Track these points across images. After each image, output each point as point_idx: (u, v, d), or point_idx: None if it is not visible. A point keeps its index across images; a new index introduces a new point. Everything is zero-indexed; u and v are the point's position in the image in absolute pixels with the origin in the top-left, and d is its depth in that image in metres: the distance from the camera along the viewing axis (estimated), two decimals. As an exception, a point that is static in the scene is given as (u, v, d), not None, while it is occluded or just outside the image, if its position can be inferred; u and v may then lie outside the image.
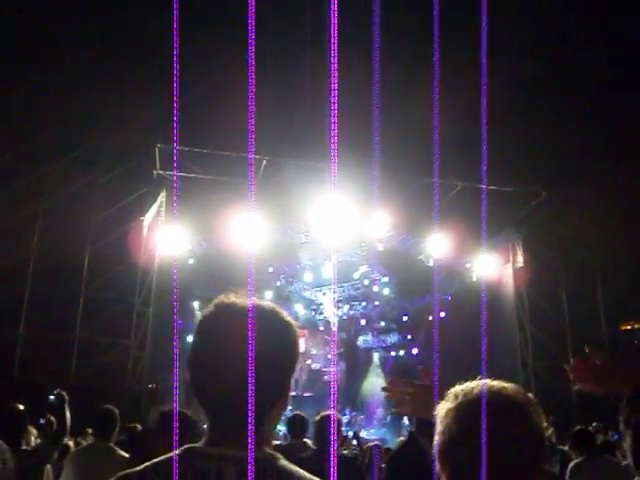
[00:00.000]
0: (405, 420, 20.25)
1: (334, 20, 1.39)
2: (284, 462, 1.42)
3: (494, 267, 17.88)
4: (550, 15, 13.34)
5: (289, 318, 1.51)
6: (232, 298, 1.48)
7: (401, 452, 4.88)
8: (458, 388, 1.52)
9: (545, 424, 1.45)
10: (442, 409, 1.50)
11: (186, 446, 1.43)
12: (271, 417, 1.46)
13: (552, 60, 14.42)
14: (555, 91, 15.00)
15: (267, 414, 1.43)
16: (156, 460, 1.43)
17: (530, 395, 1.50)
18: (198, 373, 1.43)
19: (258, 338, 1.37)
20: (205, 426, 1.47)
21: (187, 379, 1.45)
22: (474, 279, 18.24)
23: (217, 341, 1.42)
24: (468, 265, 18.34)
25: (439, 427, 1.48)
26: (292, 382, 1.50)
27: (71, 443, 7.01)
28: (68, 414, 5.10)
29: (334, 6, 1.39)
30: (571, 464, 5.69)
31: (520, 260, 17.78)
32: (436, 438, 1.48)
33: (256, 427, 1.38)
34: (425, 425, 1.52)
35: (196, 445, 1.43)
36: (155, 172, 15.53)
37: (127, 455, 4.98)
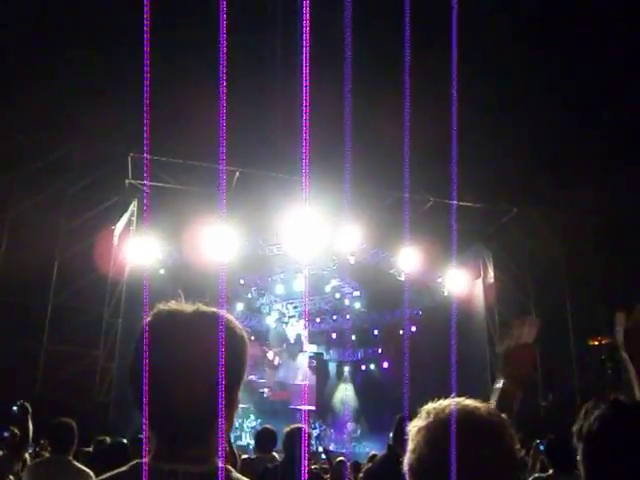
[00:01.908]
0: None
1: (306, 35, 1.40)
2: (237, 475, 1.38)
3: (465, 282, 18.03)
4: (519, 36, 13.64)
5: (238, 326, 1.44)
6: (174, 306, 1.42)
7: (379, 465, 4.87)
8: (430, 406, 1.47)
9: (518, 446, 1.41)
10: (414, 426, 1.45)
11: (133, 462, 1.36)
12: (219, 429, 1.37)
13: (521, 79, 14.69)
14: (525, 110, 15.27)
15: (215, 426, 1.35)
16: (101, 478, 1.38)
17: (503, 416, 1.45)
18: (141, 385, 1.32)
19: (204, 347, 1.32)
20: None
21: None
22: (445, 294, 18.35)
23: (161, 351, 1.33)
24: (439, 280, 18.46)
25: (410, 445, 1.44)
26: (240, 393, 1.44)
27: (27, 456, 6.86)
28: (31, 425, 5.01)
29: (306, 20, 1.41)
30: (531, 477, 5.03)
31: (490, 275, 17.94)
32: (407, 455, 1.44)
33: (205, 440, 1.35)
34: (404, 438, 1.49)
35: (144, 461, 1.35)
36: (127, 181, 15.40)
37: (85, 469, 4.92)
